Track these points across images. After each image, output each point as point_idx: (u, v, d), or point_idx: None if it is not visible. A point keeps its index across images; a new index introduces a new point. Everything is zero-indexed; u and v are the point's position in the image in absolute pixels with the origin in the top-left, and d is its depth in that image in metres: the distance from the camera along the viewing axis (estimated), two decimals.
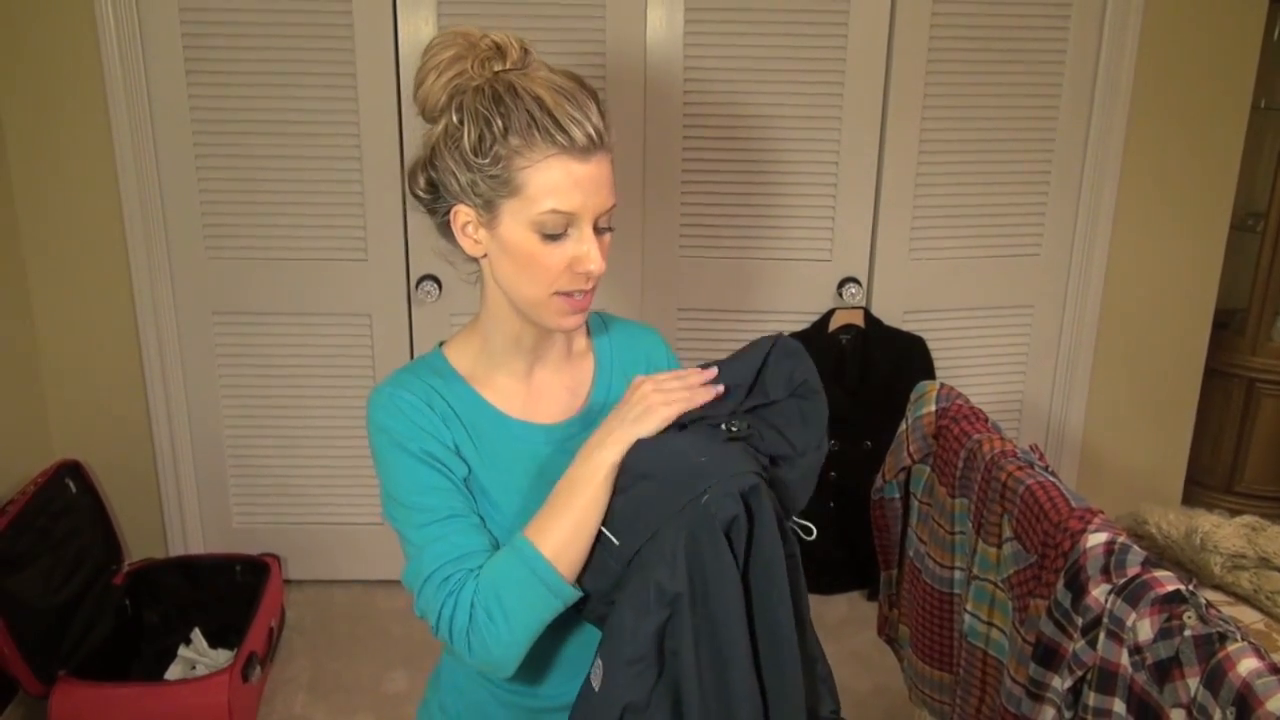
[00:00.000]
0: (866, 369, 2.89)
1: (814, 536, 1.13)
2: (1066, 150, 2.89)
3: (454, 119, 1.11)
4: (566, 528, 1.10)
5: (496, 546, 1.15)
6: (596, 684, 1.08)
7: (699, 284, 2.89)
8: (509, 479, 1.20)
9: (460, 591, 1.10)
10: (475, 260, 1.20)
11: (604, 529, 1.10)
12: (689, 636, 1.04)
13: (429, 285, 2.80)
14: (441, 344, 1.27)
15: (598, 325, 1.34)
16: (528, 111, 1.07)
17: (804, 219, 2.86)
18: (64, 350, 2.82)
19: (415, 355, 2.89)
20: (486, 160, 1.08)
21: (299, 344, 2.88)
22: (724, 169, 2.81)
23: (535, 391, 1.25)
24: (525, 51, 1.15)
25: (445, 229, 1.19)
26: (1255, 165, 3.24)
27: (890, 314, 2.92)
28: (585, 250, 1.11)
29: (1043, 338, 3.06)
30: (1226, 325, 3.29)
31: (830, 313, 2.88)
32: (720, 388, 1.13)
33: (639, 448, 1.11)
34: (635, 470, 1.10)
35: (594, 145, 1.08)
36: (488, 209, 1.12)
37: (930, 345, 2.94)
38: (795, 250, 2.88)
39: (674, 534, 1.04)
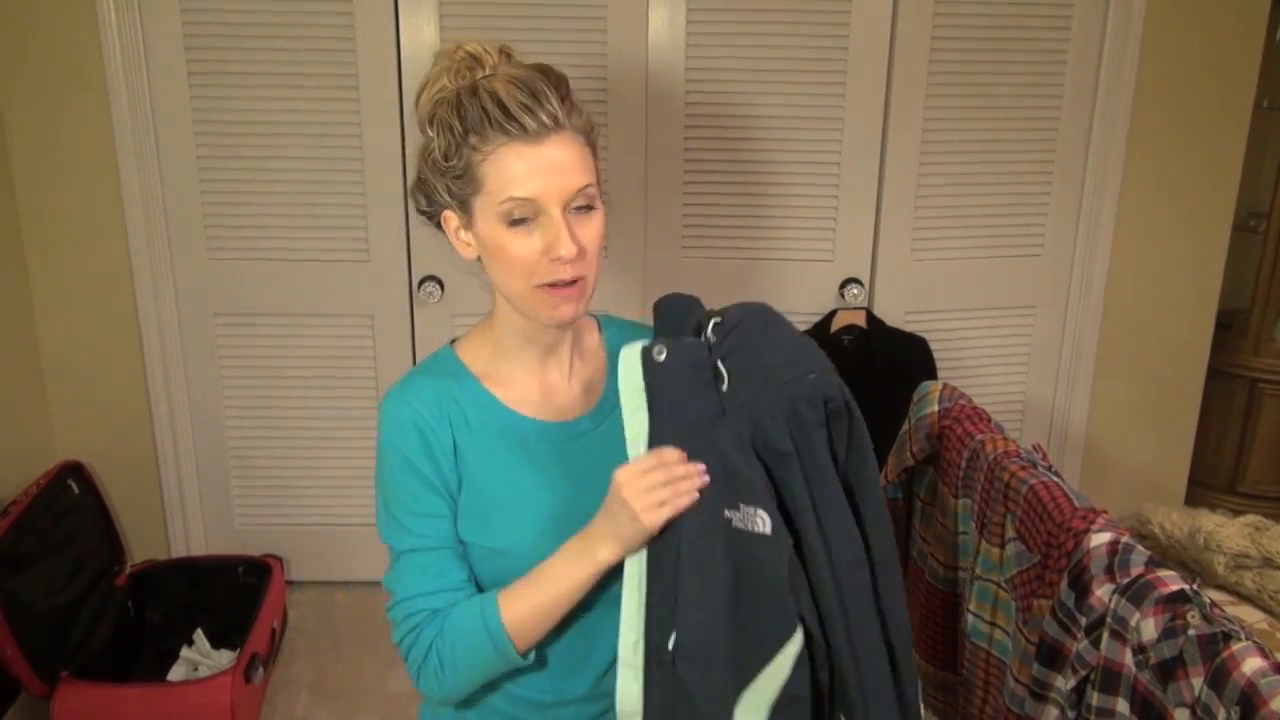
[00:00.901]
0: (868, 369, 2.88)
1: None
2: (1068, 150, 2.89)
3: (429, 133, 1.16)
4: (535, 607, 1.15)
5: (471, 578, 1.21)
6: (767, 528, 1.07)
7: (701, 284, 2.86)
8: (517, 476, 1.21)
9: (423, 630, 1.17)
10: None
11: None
12: (803, 490, 1.08)
13: (431, 286, 2.80)
14: (453, 342, 1.29)
15: (608, 325, 1.35)
16: (482, 108, 1.10)
17: (806, 219, 2.86)
18: (66, 351, 2.82)
19: (418, 357, 2.89)
20: (454, 163, 1.13)
21: (301, 345, 2.88)
22: (726, 169, 2.81)
23: (550, 388, 1.26)
24: (507, 56, 1.16)
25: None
26: (1258, 165, 3.24)
27: (892, 314, 2.92)
28: (554, 236, 1.11)
29: (1045, 338, 3.06)
30: (1229, 326, 3.29)
31: (832, 313, 2.88)
32: (706, 477, 1.09)
33: (749, 315, 1.17)
34: (744, 326, 1.16)
35: (546, 129, 1.10)
36: (464, 210, 1.16)
37: (932, 346, 2.94)
38: (797, 250, 2.88)
39: (775, 401, 1.09)
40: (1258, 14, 2.86)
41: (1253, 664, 1.16)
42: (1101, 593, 1.37)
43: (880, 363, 2.88)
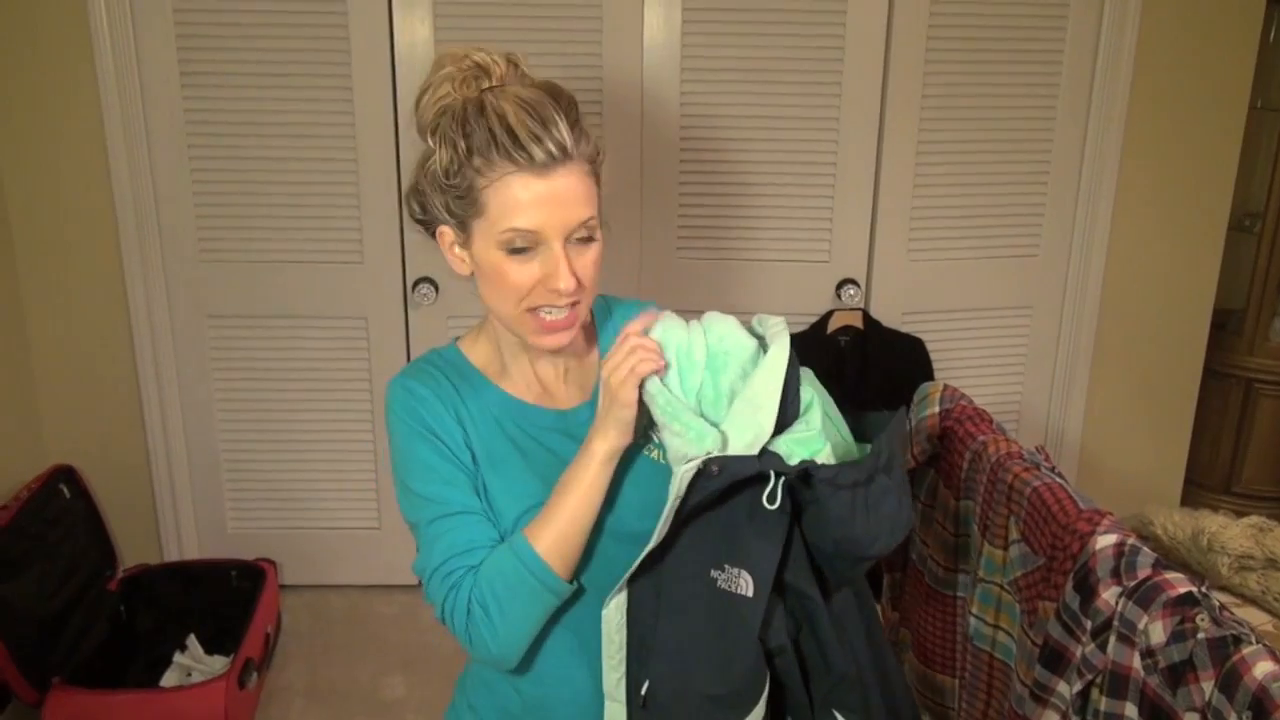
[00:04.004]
0: (865, 371, 2.87)
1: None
2: (1064, 151, 2.89)
3: (430, 143, 1.14)
4: (561, 523, 1.14)
5: (502, 539, 1.19)
6: (750, 590, 1.08)
7: (697, 285, 2.88)
8: (520, 463, 1.22)
9: (460, 586, 1.15)
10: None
11: None
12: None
13: (425, 288, 2.78)
14: (457, 339, 1.30)
15: (601, 315, 1.35)
16: (489, 130, 1.08)
17: (802, 220, 2.85)
18: (58, 354, 2.79)
19: (411, 359, 2.87)
20: (455, 181, 1.12)
21: (294, 347, 2.85)
22: (722, 170, 2.79)
23: (544, 383, 1.28)
24: (514, 66, 1.15)
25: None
26: (1252, 166, 3.24)
27: (889, 315, 2.91)
28: (554, 268, 1.12)
29: (1041, 339, 3.06)
30: (1224, 326, 3.29)
31: (829, 314, 2.87)
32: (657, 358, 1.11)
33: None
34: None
35: (554, 160, 1.09)
36: (462, 229, 1.15)
37: (928, 346, 2.94)
38: (793, 252, 2.87)
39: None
40: (1253, 15, 2.87)
41: (1264, 668, 1.15)
42: (1108, 595, 1.36)
43: (877, 364, 2.87)
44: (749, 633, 1.07)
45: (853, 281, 2.87)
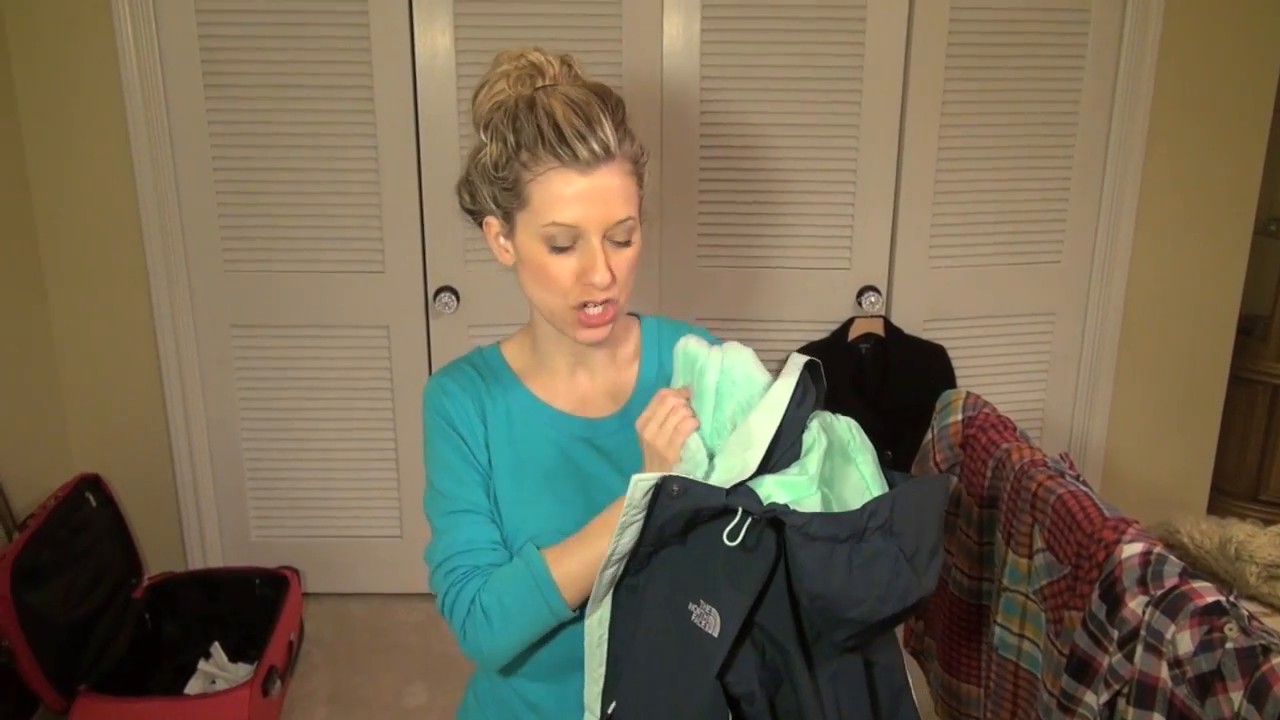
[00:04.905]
0: (886, 378, 2.86)
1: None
2: (1087, 156, 2.87)
3: (482, 137, 1.18)
4: (586, 557, 1.15)
5: (503, 540, 1.23)
6: (715, 630, 1.07)
7: (717, 293, 2.88)
8: (530, 469, 1.25)
9: (464, 584, 1.19)
10: None
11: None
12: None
13: (446, 297, 2.79)
14: (500, 341, 1.35)
15: (651, 333, 1.36)
16: (537, 126, 1.12)
17: (822, 227, 2.84)
18: (83, 364, 2.82)
19: (433, 368, 2.88)
20: (503, 174, 1.15)
21: (317, 356, 2.87)
22: (742, 177, 2.80)
23: (577, 390, 1.30)
24: (568, 67, 1.20)
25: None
26: (1277, 170, 3.21)
27: (910, 322, 2.90)
28: (591, 262, 1.15)
29: (1064, 346, 3.04)
30: (1250, 331, 3.26)
31: (849, 321, 2.86)
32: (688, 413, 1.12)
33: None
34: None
35: (597, 159, 1.12)
36: (507, 220, 1.19)
37: (950, 353, 2.92)
38: (814, 259, 2.86)
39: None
40: (1276, 18, 2.84)
41: None
42: (1135, 605, 1.35)
43: (899, 371, 2.86)
44: (708, 672, 1.05)
45: (874, 288, 2.86)
